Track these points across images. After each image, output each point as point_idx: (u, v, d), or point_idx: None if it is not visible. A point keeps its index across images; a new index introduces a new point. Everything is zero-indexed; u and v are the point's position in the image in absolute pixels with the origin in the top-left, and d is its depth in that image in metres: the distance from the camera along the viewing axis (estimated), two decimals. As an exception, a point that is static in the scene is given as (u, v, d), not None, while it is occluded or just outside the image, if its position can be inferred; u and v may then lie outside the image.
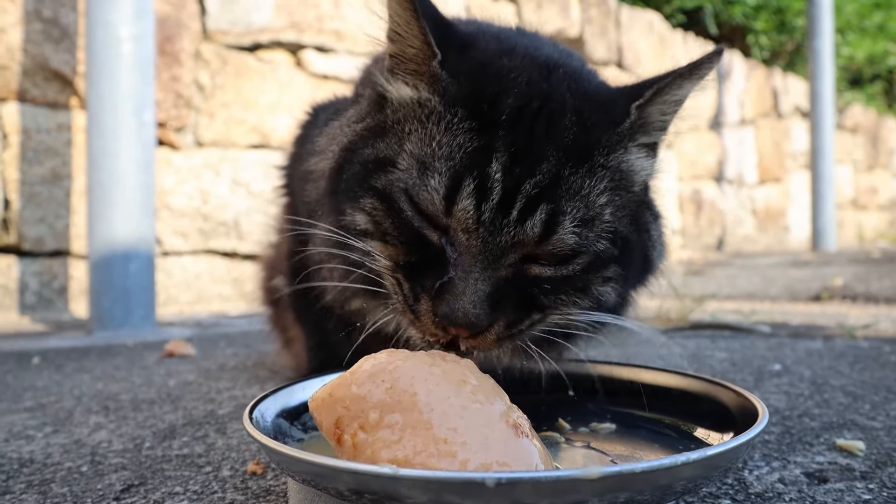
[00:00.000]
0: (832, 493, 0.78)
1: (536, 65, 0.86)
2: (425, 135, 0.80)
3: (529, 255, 0.77)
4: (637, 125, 0.83)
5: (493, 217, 0.75)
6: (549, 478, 0.52)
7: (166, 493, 0.82)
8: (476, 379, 0.68)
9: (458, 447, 0.56)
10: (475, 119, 0.78)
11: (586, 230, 0.77)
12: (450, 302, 0.73)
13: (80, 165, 2.88)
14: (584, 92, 0.85)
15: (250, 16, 3.36)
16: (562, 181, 0.76)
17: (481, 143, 0.77)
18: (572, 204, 0.76)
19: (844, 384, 1.36)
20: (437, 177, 0.76)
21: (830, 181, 6.22)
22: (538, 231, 0.75)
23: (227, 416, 1.20)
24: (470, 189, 0.75)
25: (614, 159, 0.81)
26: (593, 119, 0.81)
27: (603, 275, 0.81)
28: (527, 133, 0.77)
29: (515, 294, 0.77)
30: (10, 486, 0.86)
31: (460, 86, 0.81)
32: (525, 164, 0.76)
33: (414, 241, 0.79)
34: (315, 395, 0.69)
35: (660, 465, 0.55)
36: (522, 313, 0.78)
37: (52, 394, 1.43)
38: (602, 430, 0.87)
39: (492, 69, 0.83)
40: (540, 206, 0.75)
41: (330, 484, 0.58)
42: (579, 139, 0.79)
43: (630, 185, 0.84)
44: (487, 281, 0.74)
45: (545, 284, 0.78)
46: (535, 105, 0.79)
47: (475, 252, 0.75)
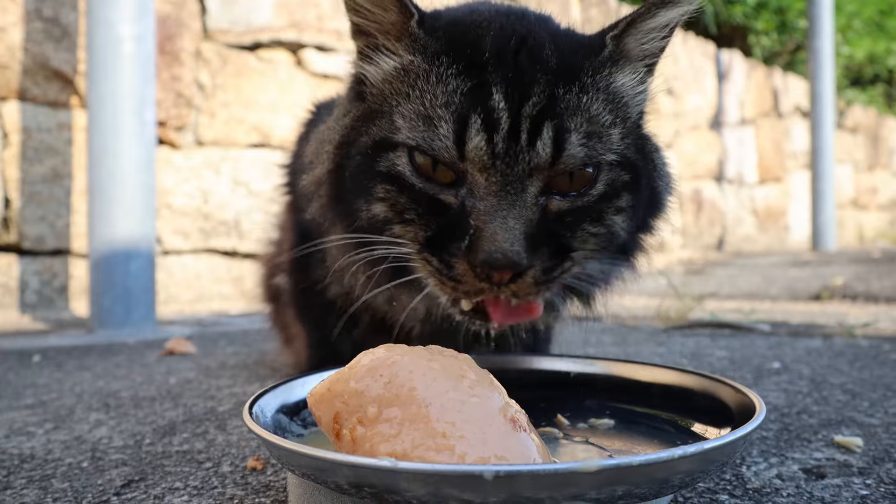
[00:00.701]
0: (830, 488, 0.79)
1: (506, 14, 0.89)
2: (417, 96, 0.81)
3: (547, 185, 0.78)
4: (616, 55, 0.85)
5: (506, 146, 0.76)
6: (547, 471, 0.52)
7: (166, 488, 0.83)
8: (474, 374, 0.68)
9: (456, 441, 0.56)
10: (461, 62, 0.80)
11: (594, 142, 0.79)
12: (486, 247, 0.73)
13: (81, 164, 2.89)
14: (558, 31, 0.89)
15: (251, 15, 3.36)
16: (558, 100, 0.78)
17: (475, 81, 0.78)
18: (575, 119, 0.78)
19: (843, 382, 1.37)
20: (442, 124, 0.77)
21: (831, 181, 6.23)
22: (550, 150, 0.76)
23: (227, 413, 1.20)
24: (478, 125, 0.75)
25: (602, 80, 0.83)
26: (572, 48, 0.84)
27: (616, 204, 0.82)
28: (514, 65, 0.79)
29: (547, 239, 0.78)
30: (10, 481, 0.87)
31: (439, 40, 0.83)
32: (521, 90, 0.77)
33: (433, 209, 0.79)
34: (313, 390, 0.69)
35: (657, 458, 0.55)
36: (557, 259, 0.79)
37: (52, 391, 1.44)
38: (601, 426, 0.87)
39: (466, 21, 0.86)
40: (545, 125, 0.76)
41: (329, 477, 0.59)
42: (563, 64, 0.81)
43: (626, 110, 0.86)
44: (518, 219, 0.75)
45: (567, 218, 0.79)
46: (514, 42, 0.81)
47: (497, 189, 0.75)
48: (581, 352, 1.83)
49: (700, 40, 6.17)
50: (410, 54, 0.84)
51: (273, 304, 1.50)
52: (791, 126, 7.45)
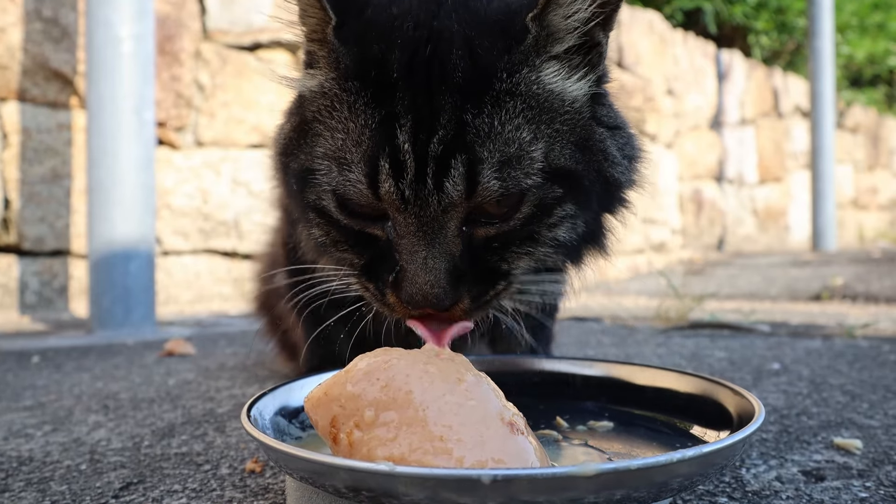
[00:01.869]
0: (829, 491, 0.78)
1: (426, 1, 0.79)
2: (333, 127, 0.76)
3: (471, 213, 0.73)
4: (543, 37, 0.75)
5: (415, 191, 0.71)
6: (545, 475, 0.52)
7: (165, 490, 0.83)
8: (472, 377, 0.68)
9: (454, 444, 0.56)
10: (370, 88, 0.73)
11: (511, 170, 0.71)
12: (407, 288, 0.72)
13: (81, 165, 2.88)
14: (477, 17, 0.76)
15: (250, 15, 3.36)
16: (468, 126, 0.70)
17: (383, 113, 0.72)
18: (487, 147, 0.71)
19: (843, 383, 1.37)
20: (354, 169, 0.73)
21: (831, 181, 6.23)
22: (461, 188, 0.70)
23: (226, 415, 1.20)
24: (386, 169, 0.71)
25: (522, 82, 0.74)
26: (486, 45, 0.73)
27: (548, 221, 0.76)
28: (423, 85, 0.72)
29: (476, 266, 0.75)
30: (9, 483, 0.87)
31: (350, 54, 0.76)
32: (427, 122, 0.71)
33: (361, 241, 0.78)
34: (310, 394, 0.69)
35: (655, 462, 0.55)
36: (485, 286, 0.76)
37: (51, 392, 1.44)
38: (600, 429, 0.87)
39: (379, 24, 0.77)
40: (453, 162, 0.70)
41: (327, 481, 0.59)
42: (472, 74, 0.72)
43: (558, 105, 0.76)
44: (438, 257, 0.72)
45: (494, 243, 0.75)
46: (424, 50, 0.73)
47: (414, 230, 0.73)
48: (580, 353, 1.83)
49: (700, 40, 6.16)
50: (328, 70, 0.78)
51: (270, 305, 1.49)
52: (791, 126, 7.45)
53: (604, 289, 4.26)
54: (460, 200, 0.72)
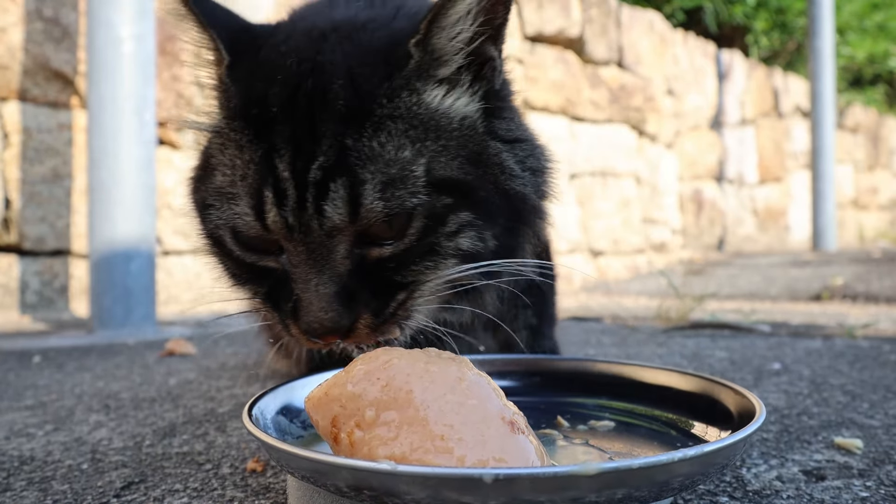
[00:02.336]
0: (829, 490, 0.78)
1: (313, 37, 0.81)
2: (225, 163, 0.78)
3: (360, 239, 0.74)
4: (427, 61, 0.76)
5: (298, 217, 0.72)
6: (547, 474, 0.52)
7: (166, 490, 0.83)
8: (472, 376, 0.68)
9: (455, 443, 0.56)
10: (253, 126, 0.75)
11: (394, 190, 0.71)
12: (304, 317, 0.72)
13: (81, 165, 2.89)
14: (360, 48, 0.78)
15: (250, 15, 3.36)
16: (349, 151, 0.71)
17: (265, 147, 0.74)
18: (369, 168, 0.71)
19: (844, 383, 1.37)
20: (242, 203, 0.75)
21: (831, 181, 6.23)
22: (344, 210, 0.71)
23: (227, 415, 1.20)
24: (270, 199, 0.72)
25: (403, 106, 0.75)
26: (367, 73, 0.75)
27: (445, 230, 0.74)
28: (305, 116, 0.73)
29: (369, 283, 0.74)
30: (10, 483, 0.87)
31: (238, 93, 0.78)
32: (307, 150, 0.72)
33: (259, 273, 0.79)
34: (310, 394, 0.69)
35: (657, 461, 0.55)
36: (385, 298, 0.75)
37: (52, 392, 1.44)
38: (601, 428, 0.87)
39: (265, 63, 0.79)
40: (333, 186, 0.71)
41: (329, 480, 0.59)
42: (353, 101, 0.73)
43: (445, 123, 0.76)
44: (329, 283, 0.72)
45: (390, 263, 0.74)
46: (307, 84, 0.74)
47: (303, 258, 0.73)
48: (581, 353, 1.83)
49: (700, 40, 6.16)
50: (221, 109, 0.81)
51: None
52: (791, 126, 7.45)
53: (604, 289, 4.26)
54: (343, 223, 0.72)
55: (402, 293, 0.76)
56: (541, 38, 4.55)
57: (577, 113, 4.75)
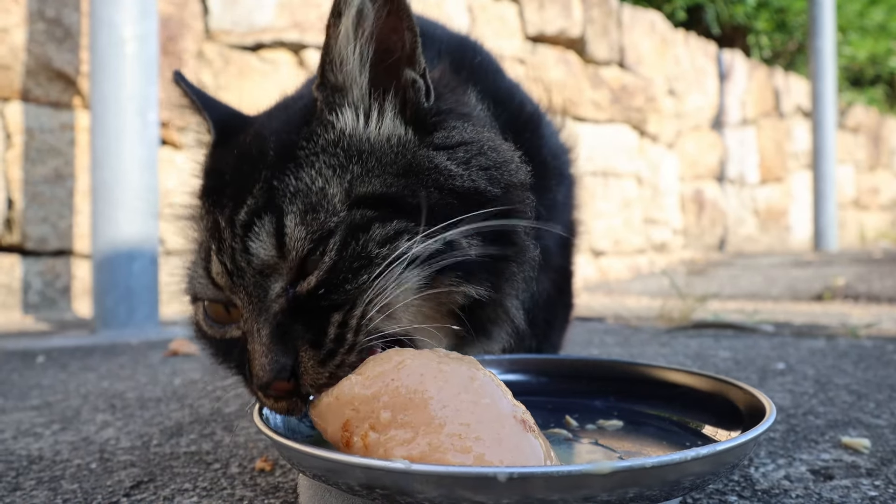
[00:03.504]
0: (838, 489, 0.79)
1: (270, 114, 0.92)
2: (192, 242, 0.86)
3: (293, 277, 0.74)
4: (329, 97, 0.81)
5: (232, 261, 0.75)
6: (561, 473, 0.52)
7: (175, 489, 0.83)
8: (482, 375, 0.68)
9: (472, 442, 0.56)
10: (209, 197, 0.82)
11: (314, 215, 0.74)
12: (251, 372, 0.72)
13: (83, 165, 2.89)
14: (288, 112, 0.89)
15: (253, 15, 3.36)
16: (276, 191, 0.76)
17: (215, 211, 0.79)
18: (292, 202, 0.75)
19: (848, 383, 1.37)
20: (199, 266, 0.80)
21: (832, 181, 6.23)
22: (269, 243, 0.73)
23: (234, 414, 1.20)
24: (214, 250, 0.77)
25: (323, 142, 0.80)
26: (290, 126, 0.83)
27: (372, 236, 0.73)
28: (244, 175, 0.79)
29: (304, 318, 0.73)
30: (20, 482, 0.87)
31: (203, 173, 0.87)
32: (242, 199, 0.77)
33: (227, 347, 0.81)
34: (315, 401, 0.69)
35: (669, 460, 0.55)
36: (320, 323, 0.72)
37: (58, 392, 1.44)
38: (609, 427, 0.87)
39: (232, 142, 0.87)
40: (256, 223, 0.74)
41: (341, 479, 0.59)
42: (280, 149, 0.80)
43: (367, 148, 0.80)
44: (266, 324, 0.72)
45: (320, 290, 0.72)
46: (252, 150, 0.82)
47: (245, 304, 0.74)
48: (584, 353, 1.83)
49: (701, 40, 6.16)
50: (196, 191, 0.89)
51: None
52: (792, 126, 7.45)
53: (605, 289, 4.26)
54: (270, 258, 0.74)
55: (337, 314, 0.72)
56: (542, 39, 4.55)
57: (578, 113, 4.75)
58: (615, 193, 5.04)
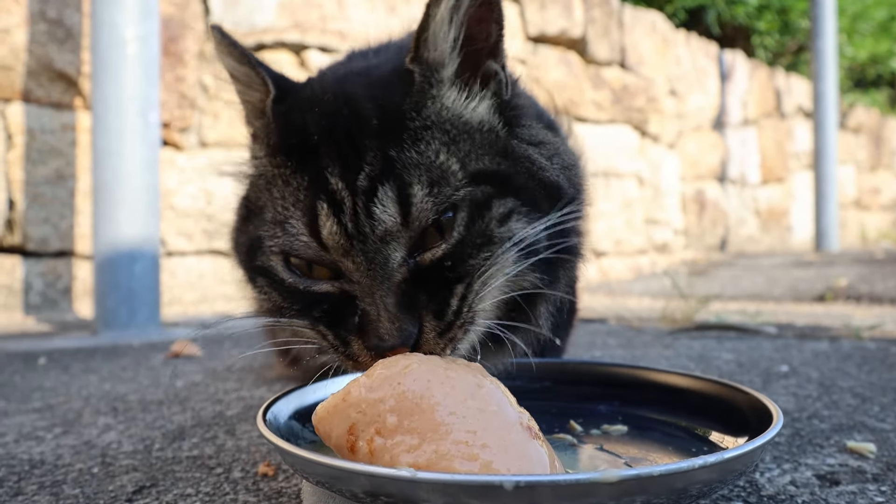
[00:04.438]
0: (845, 495, 0.78)
1: (338, 78, 0.90)
2: (275, 197, 0.81)
3: (415, 245, 0.75)
4: (428, 76, 0.82)
5: (354, 224, 0.74)
6: (568, 481, 0.52)
7: (178, 494, 0.82)
8: (489, 382, 0.68)
9: (479, 450, 0.56)
10: (296, 155, 0.80)
11: (440, 188, 0.75)
12: (372, 333, 0.72)
13: (85, 166, 2.88)
14: (372, 78, 0.86)
15: (254, 16, 3.36)
16: (394, 161, 0.76)
17: (312, 170, 0.78)
18: (414, 174, 0.75)
19: (853, 386, 1.36)
20: (295, 223, 0.78)
21: (833, 181, 6.22)
22: (394, 210, 0.74)
23: (236, 418, 1.20)
24: (325, 211, 0.75)
25: (432, 115, 0.80)
26: (387, 95, 0.81)
27: (494, 214, 0.77)
28: (345, 138, 0.78)
29: (427, 288, 0.75)
30: (22, 487, 0.87)
31: (278, 130, 0.84)
32: (355, 164, 0.76)
33: (316, 300, 0.79)
34: (322, 405, 0.69)
35: (677, 468, 0.55)
36: (443, 296, 0.75)
37: (59, 394, 1.43)
38: (614, 432, 0.87)
39: (302, 99, 0.85)
40: (381, 190, 0.74)
41: (345, 486, 0.58)
42: (386, 119, 0.79)
43: (470, 127, 0.82)
44: (391, 292, 0.73)
45: (445, 262, 0.75)
46: (343, 112, 0.80)
47: (364, 269, 0.74)
48: (587, 355, 1.83)
49: (703, 41, 6.16)
50: (262, 146, 0.86)
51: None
52: (794, 126, 7.44)
53: (606, 289, 4.26)
54: (395, 226, 0.74)
55: (460, 286, 0.76)
56: (543, 39, 4.55)
57: (579, 114, 4.74)
58: (616, 194, 5.04)
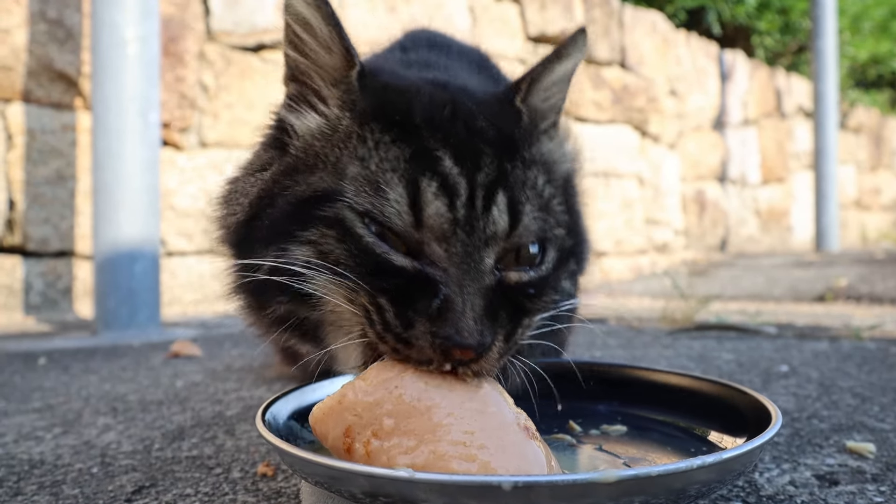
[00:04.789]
0: (844, 495, 0.78)
1: (429, 81, 0.88)
2: (360, 157, 0.76)
3: (500, 257, 0.75)
4: (533, 119, 0.86)
5: (466, 213, 0.72)
6: (566, 481, 0.52)
7: (177, 494, 0.82)
8: (487, 384, 0.68)
9: (476, 450, 0.56)
10: (396, 128, 0.77)
11: (545, 215, 0.78)
12: (451, 323, 0.66)
13: (85, 166, 2.89)
14: (480, 97, 0.86)
15: (254, 16, 3.36)
16: (508, 173, 0.77)
17: (415, 148, 0.75)
18: (525, 192, 0.77)
19: (852, 386, 1.36)
20: (393, 189, 0.72)
21: (834, 181, 6.22)
22: (506, 219, 0.74)
23: (236, 418, 1.20)
24: (434, 189, 0.72)
25: (538, 153, 0.84)
26: (501, 118, 0.82)
27: (568, 269, 0.82)
28: (453, 133, 0.77)
29: (505, 304, 0.73)
30: (21, 487, 0.87)
31: (371, 99, 0.80)
32: (471, 159, 0.75)
33: (382, 268, 0.72)
34: (318, 406, 0.68)
35: (675, 468, 0.55)
36: (518, 319, 0.75)
37: (59, 395, 1.44)
38: (613, 433, 0.87)
39: (396, 85, 0.84)
40: (499, 194, 0.74)
41: (344, 487, 0.58)
42: (501, 136, 0.80)
43: (556, 174, 0.86)
44: (480, 293, 0.70)
45: (529, 289, 0.76)
46: (447, 110, 0.79)
47: (460, 259, 0.71)
48: (587, 355, 1.83)
49: (703, 41, 6.16)
50: (343, 109, 0.82)
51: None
52: (794, 127, 7.44)
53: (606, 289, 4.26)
54: (503, 234, 0.74)
55: (527, 318, 0.76)
56: (543, 39, 4.55)
57: (579, 114, 4.74)
58: (616, 194, 5.04)
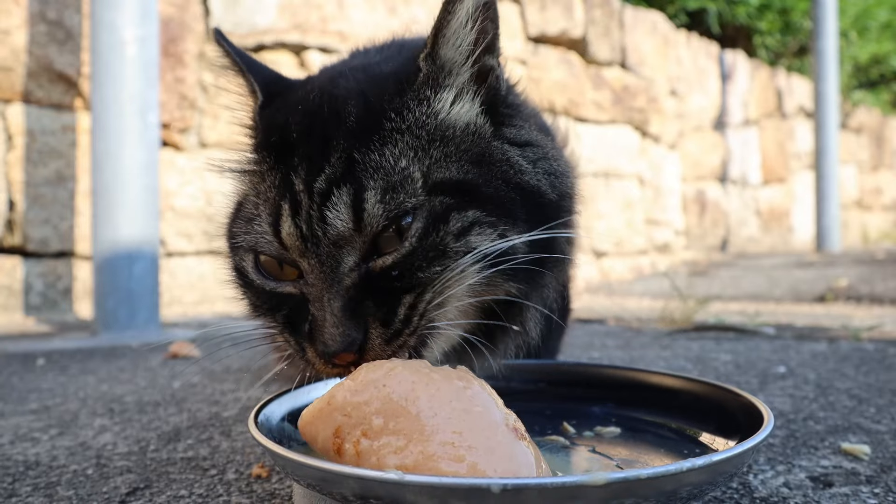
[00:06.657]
0: (837, 497, 0.78)
1: (332, 76, 0.90)
2: (253, 193, 0.82)
3: (367, 252, 0.75)
4: (434, 72, 0.81)
5: (308, 225, 0.75)
6: (555, 484, 0.52)
7: (171, 496, 0.83)
8: (475, 383, 0.68)
9: (465, 451, 0.56)
10: (273, 152, 0.80)
11: (394, 194, 0.74)
12: (318, 339, 0.73)
13: (85, 167, 2.89)
14: (373, 75, 0.86)
15: (254, 17, 3.36)
16: (356, 163, 0.76)
17: (285, 170, 0.78)
18: (372, 177, 0.75)
19: (850, 387, 1.36)
20: (263, 221, 0.79)
21: (835, 182, 6.21)
22: (346, 215, 0.74)
23: (232, 419, 1.20)
24: (286, 211, 0.76)
25: (411, 118, 0.80)
26: (378, 93, 0.81)
27: (451, 228, 0.75)
28: (319, 138, 0.78)
29: (376, 295, 0.75)
30: (16, 488, 0.87)
31: (262, 128, 0.85)
32: (319, 165, 0.76)
33: (279, 301, 0.80)
34: (308, 409, 0.69)
35: (665, 471, 0.55)
36: (391, 305, 0.74)
37: (57, 396, 1.44)
38: (607, 434, 0.87)
39: (290, 100, 0.86)
40: (335, 194, 0.74)
41: (335, 489, 0.58)
42: (364, 118, 0.79)
43: (450, 133, 0.81)
44: (339, 296, 0.73)
45: (394, 272, 0.74)
46: (322, 111, 0.81)
47: (317, 271, 0.75)
48: (585, 355, 1.83)
49: (703, 41, 6.15)
50: (251, 150, 0.86)
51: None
52: (795, 127, 7.43)
53: (606, 290, 4.26)
54: (346, 230, 0.74)
55: (408, 296, 0.75)
56: (544, 39, 4.55)
57: (580, 114, 4.74)
58: (617, 194, 5.04)
